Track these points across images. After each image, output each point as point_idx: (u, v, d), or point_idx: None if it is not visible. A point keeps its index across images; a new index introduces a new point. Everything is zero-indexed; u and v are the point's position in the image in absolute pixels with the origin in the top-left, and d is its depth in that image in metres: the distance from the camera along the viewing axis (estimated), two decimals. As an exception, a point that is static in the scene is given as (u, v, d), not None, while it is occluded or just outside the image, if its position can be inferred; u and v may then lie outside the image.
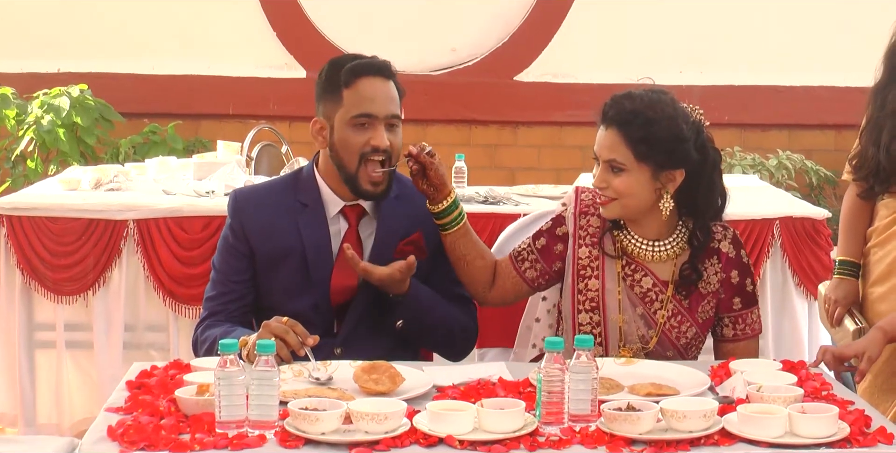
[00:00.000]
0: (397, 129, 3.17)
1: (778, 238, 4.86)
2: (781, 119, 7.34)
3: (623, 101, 3.09)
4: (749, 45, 7.42)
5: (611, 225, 3.17)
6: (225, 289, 3.23)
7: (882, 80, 3.55)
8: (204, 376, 2.66)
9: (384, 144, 3.11)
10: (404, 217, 3.21)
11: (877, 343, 2.98)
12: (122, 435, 2.39)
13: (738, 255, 3.19)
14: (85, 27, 7.33)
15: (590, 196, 3.22)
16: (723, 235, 3.20)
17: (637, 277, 3.14)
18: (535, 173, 7.19)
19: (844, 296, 3.60)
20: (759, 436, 2.40)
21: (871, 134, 3.53)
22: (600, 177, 3.08)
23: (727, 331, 3.20)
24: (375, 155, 3.11)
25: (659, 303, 3.13)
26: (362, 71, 3.13)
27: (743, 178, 6.32)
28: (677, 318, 3.13)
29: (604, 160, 3.08)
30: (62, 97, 6.64)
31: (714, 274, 3.16)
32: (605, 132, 3.09)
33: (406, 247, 3.18)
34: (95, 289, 4.86)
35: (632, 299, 3.13)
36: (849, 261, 3.62)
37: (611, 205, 3.09)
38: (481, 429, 2.41)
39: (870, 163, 3.51)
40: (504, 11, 7.50)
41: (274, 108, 7.18)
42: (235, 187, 4.85)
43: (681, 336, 3.14)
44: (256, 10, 7.39)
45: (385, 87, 3.16)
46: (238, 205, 3.26)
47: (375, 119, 3.12)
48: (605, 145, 3.08)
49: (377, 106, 3.13)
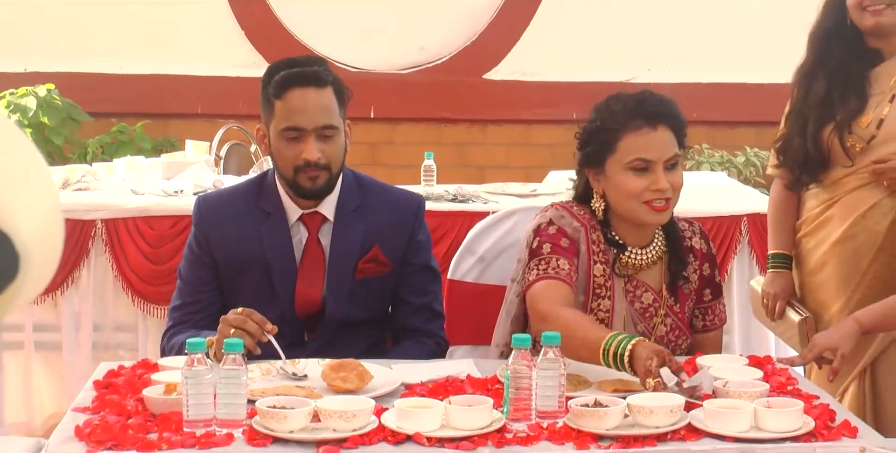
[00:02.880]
0: (332, 139, 3.09)
1: (745, 234, 4.88)
2: (749, 116, 7.38)
3: (657, 98, 3.00)
4: (717, 43, 7.46)
5: (618, 251, 3.04)
6: (191, 300, 3.21)
7: (807, 63, 3.55)
8: (171, 375, 2.66)
9: (314, 157, 3.05)
10: (361, 230, 3.18)
11: (851, 336, 2.95)
12: (89, 435, 2.38)
13: (709, 248, 3.20)
14: (52, 26, 7.30)
15: (578, 211, 3.08)
16: (691, 231, 3.19)
17: (638, 293, 3.07)
18: (505, 171, 7.21)
19: (782, 289, 3.62)
20: (725, 431, 2.41)
21: (796, 122, 3.54)
22: (663, 179, 2.95)
23: (697, 323, 3.20)
24: (308, 168, 3.07)
25: (658, 318, 3.08)
26: (291, 82, 3.07)
27: (711, 176, 6.36)
28: (675, 333, 3.10)
29: (665, 160, 2.97)
30: (29, 97, 6.62)
31: (693, 272, 3.16)
32: (658, 131, 2.97)
33: (367, 265, 3.18)
34: (64, 289, 4.84)
35: (633, 317, 3.07)
36: (781, 254, 3.64)
37: (671, 205, 3.01)
38: (449, 426, 2.42)
39: (796, 153, 3.52)
40: (473, 10, 7.51)
41: (243, 107, 7.17)
42: (204, 187, 4.86)
43: (677, 348, 3.10)
44: (225, 9, 7.38)
45: (317, 96, 3.07)
46: (201, 214, 3.23)
47: (304, 132, 3.06)
48: (663, 144, 2.97)
49: (305, 118, 3.06)
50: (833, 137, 3.44)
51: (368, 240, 3.19)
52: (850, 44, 3.49)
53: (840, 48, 3.49)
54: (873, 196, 3.43)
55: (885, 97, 3.44)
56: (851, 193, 3.46)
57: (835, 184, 3.50)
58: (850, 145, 3.42)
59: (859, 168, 3.44)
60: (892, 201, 3.41)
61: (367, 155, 7.38)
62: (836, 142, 3.44)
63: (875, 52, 3.49)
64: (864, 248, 3.44)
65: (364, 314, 3.21)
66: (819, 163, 3.49)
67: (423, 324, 3.26)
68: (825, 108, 3.47)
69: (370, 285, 3.20)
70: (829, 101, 3.47)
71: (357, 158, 6.48)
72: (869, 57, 3.49)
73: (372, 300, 3.22)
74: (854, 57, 3.48)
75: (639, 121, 2.95)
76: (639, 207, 2.97)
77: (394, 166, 7.15)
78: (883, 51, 3.49)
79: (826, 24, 3.52)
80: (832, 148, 3.46)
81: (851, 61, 3.48)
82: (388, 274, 3.20)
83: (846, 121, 3.44)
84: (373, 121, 7.39)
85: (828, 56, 3.50)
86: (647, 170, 2.96)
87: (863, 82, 3.47)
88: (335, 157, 3.11)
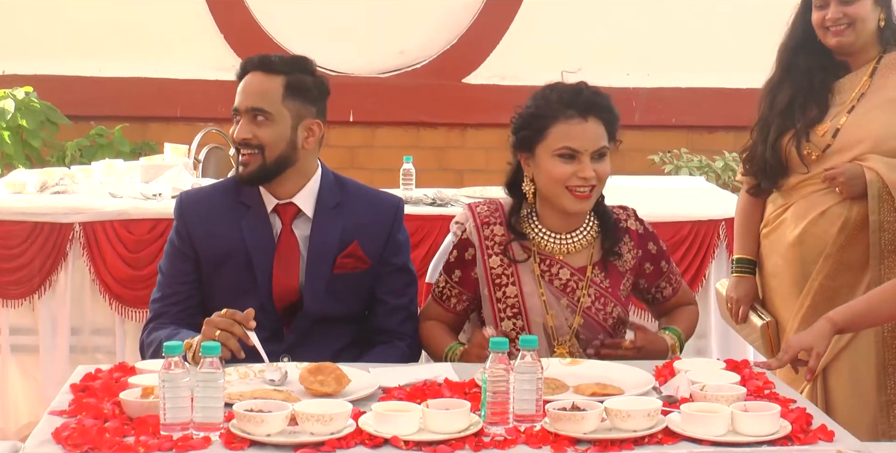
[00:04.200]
0: (265, 124, 3.15)
1: (723, 239, 4.90)
2: (727, 121, 7.39)
3: (592, 91, 3.13)
4: (695, 48, 7.48)
5: (514, 236, 3.20)
6: (170, 291, 3.25)
7: (774, 77, 3.63)
8: (148, 379, 2.65)
9: (240, 136, 3.16)
10: (341, 226, 3.23)
11: (825, 336, 2.96)
12: (66, 439, 2.37)
13: (646, 229, 3.30)
14: (30, 29, 7.28)
15: (485, 208, 3.27)
16: (626, 215, 3.30)
17: (554, 271, 3.19)
18: (484, 175, 7.21)
19: (745, 294, 3.69)
20: (702, 435, 2.41)
21: (761, 131, 3.61)
22: (589, 168, 3.08)
23: (667, 292, 3.34)
24: (241, 147, 3.18)
25: (580, 290, 3.18)
26: (246, 67, 3.21)
27: (689, 180, 6.38)
28: (601, 301, 3.19)
29: (592, 150, 3.08)
30: (7, 99, 6.59)
31: (628, 251, 3.24)
32: (588, 122, 3.09)
33: (345, 260, 3.21)
34: (41, 292, 4.83)
35: (554, 293, 3.18)
36: (745, 259, 3.71)
37: (594, 194, 3.13)
38: (426, 430, 2.41)
39: (758, 160, 3.60)
40: (452, 14, 7.52)
41: (221, 110, 7.13)
42: (183, 190, 4.85)
43: (607, 317, 3.20)
44: (203, 11, 7.37)
45: (260, 81, 3.17)
46: (183, 208, 3.29)
47: (238, 112, 3.18)
48: (593, 135, 3.09)
49: (242, 99, 3.18)
50: (791, 145, 3.51)
51: (348, 235, 3.23)
52: (818, 56, 3.55)
53: (806, 59, 3.56)
54: (824, 202, 3.48)
55: (845, 108, 3.49)
56: (805, 198, 3.52)
57: (791, 189, 3.57)
58: (806, 153, 3.50)
59: (814, 175, 3.49)
60: (841, 209, 3.46)
61: (346, 158, 7.38)
62: (794, 149, 3.49)
63: (842, 65, 3.55)
64: (811, 255, 3.50)
65: (341, 310, 3.24)
66: (777, 170, 3.57)
67: (397, 326, 3.29)
68: (786, 117, 3.55)
69: (348, 281, 3.23)
70: (790, 110, 3.53)
71: (336, 162, 6.47)
72: (835, 69, 3.55)
73: (349, 296, 3.25)
74: (820, 67, 3.54)
75: (571, 111, 3.09)
76: (563, 193, 3.11)
77: (372, 170, 7.15)
78: (850, 63, 3.54)
79: (794, 39, 3.59)
80: (790, 155, 3.53)
81: (816, 71, 3.54)
82: (366, 271, 3.24)
83: (804, 129, 3.51)
84: (352, 124, 7.39)
85: (794, 68, 3.57)
86: (574, 158, 3.09)
87: (825, 92, 3.53)
88: (269, 142, 3.16)
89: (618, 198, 3.40)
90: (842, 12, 3.46)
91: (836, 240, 3.46)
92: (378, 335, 3.29)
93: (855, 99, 3.50)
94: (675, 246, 4.85)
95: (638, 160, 7.25)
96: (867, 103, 3.48)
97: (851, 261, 3.46)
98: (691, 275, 4.87)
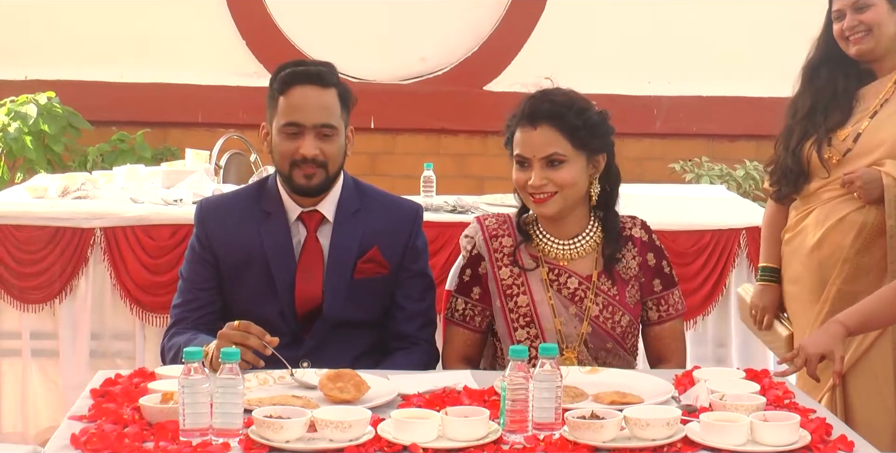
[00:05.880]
0: (331, 138, 3.15)
1: (744, 248, 4.89)
2: (749, 129, 7.38)
3: (545, 99, 3.18)
4: (716, 56, 7.46)
5: (522, 238, 3.25)
6: (191, 297, 3.26)
7: (798, 94, 3.66)
8: (168, 384, 2.65)
9: (311, 153, 3.13)
10: (360, 231, 3.23)
11: (838, 338, 2.96)
12: (85, 443, 2.38)
13: (651, 239, 3.30)
14: (53, 34, 7.31)
15: (493, 221, 3.32)
16: (633, 223, 3.31)
17: (562, 280, 3.21)
18: (504, 182, 7.14)
19: (771, 303, 3.70)
20: (721, 444, 2.41)
21: (784, 140, 3.64)
22: (539, 175, 3.13)
23: (652, 314, 3.29)
24: (305, 164, 3.14)
25: (588, 299, 3.19)
26: (295, 79, 3.15)
27: (710, 189, 6.36)
28: (609, 310, 3.20)
29: (541, 157, 3.14)
30: (29, 104, 6.62)
31: (632, 258, 3.25)
32: (536, 131, 3.15)
33: (366, 265, 3.22)
34: (62, 297, 4.84)
35: (563, 302, 3.19)
36: (770, 267, 3.72)
37: (553, 199, 3.16)
38: (445, 437, 2.41)
39: (781, 167, 3.62)
40: (474, 21, 7.52)
41: (243, 116, 7.17)
42: (203, 196, 4.86)
43: (615, 325, 3.20)
44: (226, 17, 7.38)
45: (319, 95, 3.15)
46: (203, 214, 3.29)
47: (303, 128, 3.14)
48: (540, 143, 3.15)
49: (305, 115, 3.13)
50: (812, 149, 3.52)
51: (367, 241, 3.24)
52: (844, 68, 3.55)
53: (829, 69, 3.57)
54: (844, 208, 3.49)
55: (868, 113, 3.50)
56: (825, 204, 3.53)
57: (811, 195, 3.58)
58: (827, 157, 3.51)
59: (833, 180, 3.50)
60: (859, 215, 3.46)
61: (367, 165, 7.39)
62: (815, 153, 3.50)
63: (868, 72, 3.56)
64: (830, 260, 3.50)
65: (361, 315, 3.25)
66: (799, 175, 3.58)
67: (416, 331, 3.29)
68: (809, 122, 3.56)
69: (368, 286, 3.23)
70: (813, 115, 3.55)
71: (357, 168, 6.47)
72: (861, 76, 3.56)
73: (369, 301, 3.26)
74: (842, 74, 3.55)
75: (524, 119, 3.18)
76: (527, 198, 3.21)
77: (393, 176, 7.15)
78: (876, 71, 3.55)
79: (818, 56, 3.62)
80: (811, 160, 3.55)
81: (839, 78, 3.55)
82: (385, 276, 3.25)
83: (826, 133, 3.52)
84: (373, 131, 7.39)
85: (816, 77, 3.58)
86: (526, 165, 3.17)
87: (849, 99, 3.56)
88: (333, 157, 3.16)
89: (638, 207, 3.41)
90: (857, 20, 3.48)
91: (854, 244, 3.46)
92: (396, 341, 3.29)
93: (878, 104, 3.51)
94: (695, 254, 4.84)
95: (659, 168, 7.24)
96: (889, 108, 3.49)
97: (870, 265, 3.46)
98: (712, 284, 4.86)
